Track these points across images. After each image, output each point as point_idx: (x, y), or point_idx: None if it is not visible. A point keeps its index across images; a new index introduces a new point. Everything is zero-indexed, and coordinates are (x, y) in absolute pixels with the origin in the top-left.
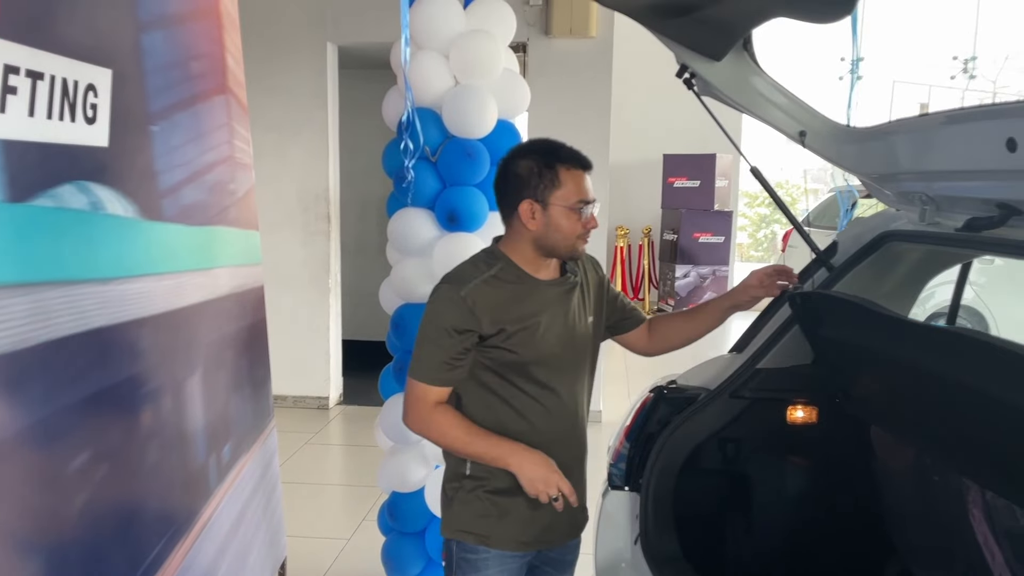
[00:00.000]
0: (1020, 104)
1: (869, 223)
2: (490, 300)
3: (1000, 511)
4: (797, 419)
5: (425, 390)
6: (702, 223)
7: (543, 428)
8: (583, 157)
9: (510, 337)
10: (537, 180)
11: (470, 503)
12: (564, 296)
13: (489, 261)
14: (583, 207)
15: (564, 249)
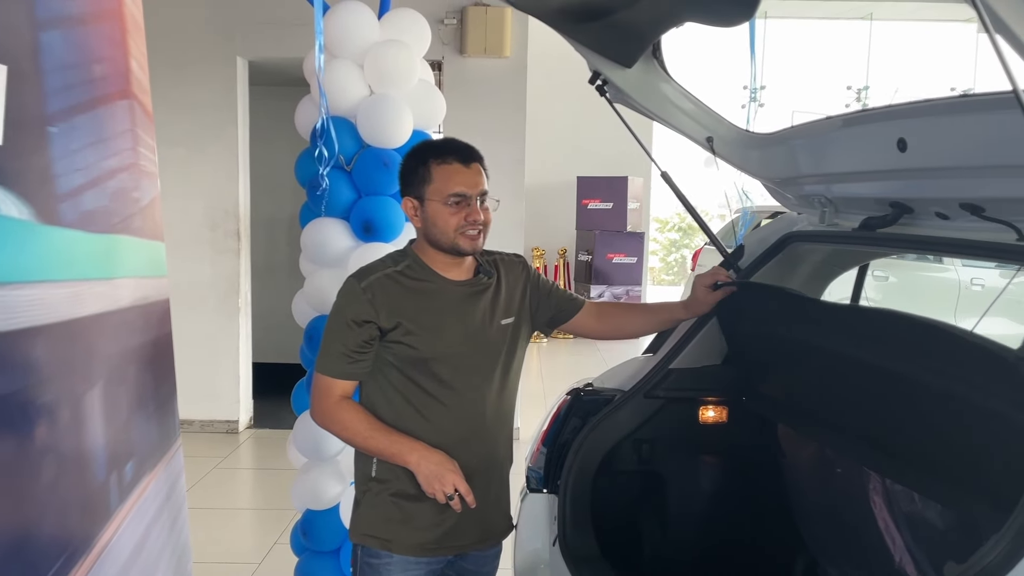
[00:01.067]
0: (909, 105)
1: (773, 226)
2: (389, 294)
3: (899, 497)
4: (708, 418)
5: (329, 383)
6: (615, 244)
7: (444, 427)
8: (461, 149)
9: (409, 333)
10: (412, 176)
11: (375, 507)
12: (473, 296)
13: (397, 258)
14: (457, 200)
15: (446, 244)
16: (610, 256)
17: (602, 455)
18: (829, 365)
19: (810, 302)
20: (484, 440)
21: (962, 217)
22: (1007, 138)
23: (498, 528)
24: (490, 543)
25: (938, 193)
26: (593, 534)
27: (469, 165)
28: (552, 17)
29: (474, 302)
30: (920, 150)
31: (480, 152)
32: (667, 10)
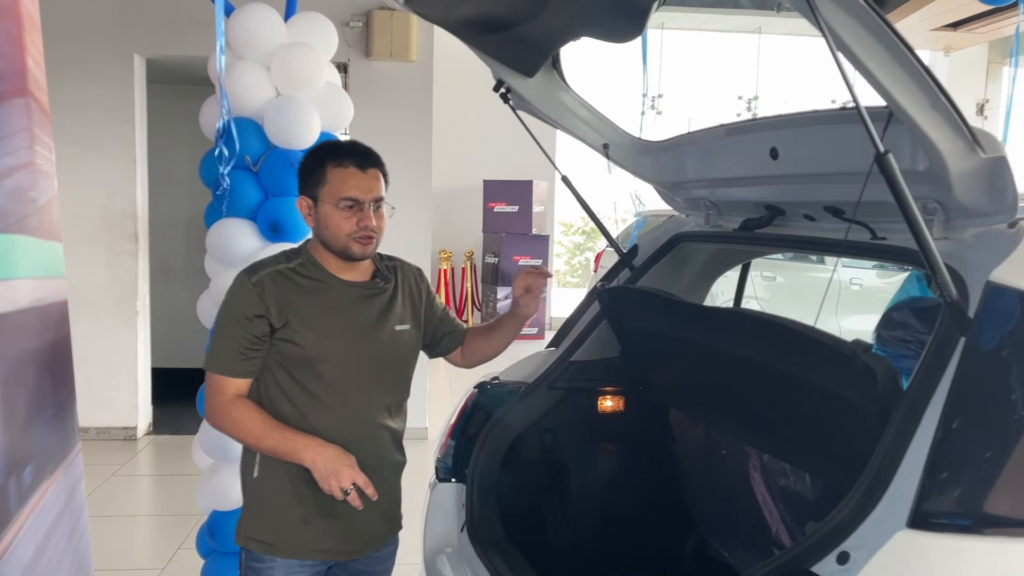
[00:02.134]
0: (779, 117)
1: (664, 227)
2: (279, 290)
3: (774, 472)
4: (607, 408)
5: (221, 382)
6: (521, 247)
7: (327, 429)
8: (360, 153)
9: (297, 331)
10: (309, 176)
11: (258, 509)
12: (366, 299)
13: (290, 255)
14: (350, 205)
15: (337, 247)
16: (516, 258)
17: (508, 444)
18: (707, 358)
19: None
20: (371, 443)
21: (826, 218)
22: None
23: (387, 530)
24: (380, 545)
25: (805, 197)
26: (500, 520)
27: (365, 170)
28: (457, 27)
29: (367, 305)
30: (789, 158)
31: (380, 158)
32: (564, 25)
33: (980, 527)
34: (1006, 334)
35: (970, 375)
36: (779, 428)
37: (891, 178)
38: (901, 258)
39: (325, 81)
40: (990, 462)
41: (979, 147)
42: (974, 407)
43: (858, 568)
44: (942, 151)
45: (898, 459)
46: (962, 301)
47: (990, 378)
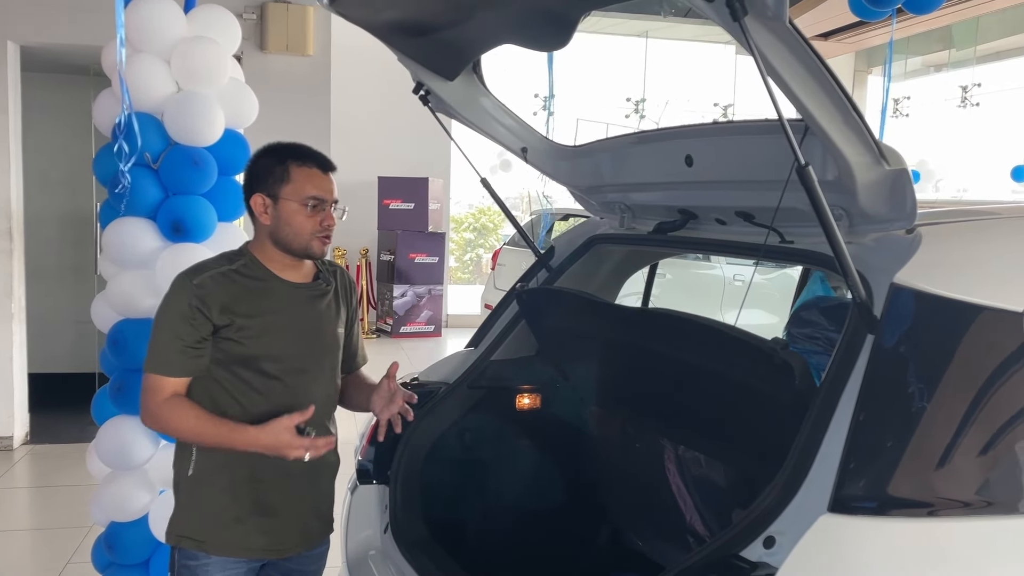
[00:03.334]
0: (695, 127)
1: (580, 229)
2: (222, 292)
3: (688, 462)
4: (524, 405)
5: (158, 382)
6: (417, 244)
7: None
8: (322, 157)
9: (241, 329)
10: (267, 174)
11: (192, 507)
12: (311, 300)
13: (232, 256)
14: (315, 204)
15: (298, 247)
16: (412, 256)
17: (429, 444)
18: (624, 355)
19: (599, 303)
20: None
21: (737, 223)
22: (769, 157)
23: (320, 529)
24: (314, 544)
25: (718, 202)
26: (423, 519)
27: (326, 172)
28: (381, 30)
29: (312, 306)
30: (703, 165)
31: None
32: (490, 32)
33: (893, 509)
34: (909, 332)
35: (879, 370)
36: (695, 421)
37: (810, 188)
38: (809, 260)
39: (229, 76)
40: (898, 450)
41: (884, 160)
42: (884, 399)
43: (783, 551)
44: (851, 163)
45: (816, 448)
46: (869, 301)
47: (896, 372)
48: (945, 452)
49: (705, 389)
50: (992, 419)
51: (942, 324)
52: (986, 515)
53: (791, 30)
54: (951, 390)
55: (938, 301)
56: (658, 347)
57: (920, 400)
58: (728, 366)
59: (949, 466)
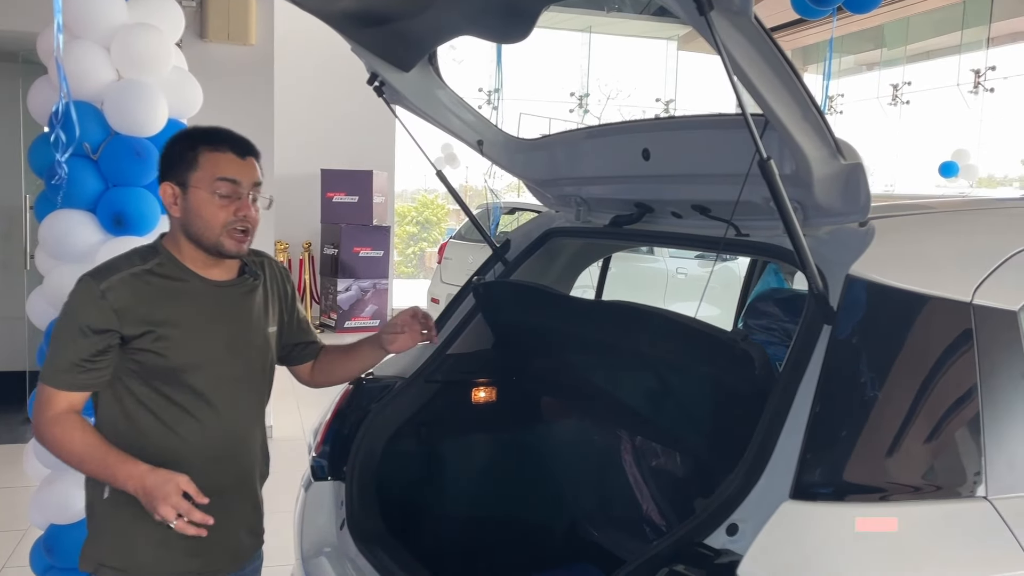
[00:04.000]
0: (653, 121)
1: (536, 222)
2: (136, 297)
3: (645, 453)
4: (480, 398)
5: (51, 395)
6: (361, 238)
7: (196, 444)
8: (240, 140)
9: (160, 339)
10: (178, 161)
11: (110, 532)
12: (238, 299)
13: (146, 254)
14: (227, 191)
15: (208, 242)
16: (356, 249)
17: (386, 439)
18: (581, 347)
19: (556, 296)
20: (238, 457)
21: (693, 216)
22: (726, 152)
23: (251, 544)
24: (245, 561)
25: (674, 196)
26: (380, 515)
27: (244, 158)
28: (335, 19)
29: (239, 305)
30: (660, 159)
31: (256, 147)
32: (449, 23)
33: (853, 495)
34: (864, 322)
35: (836, 359)
36: (653, 412)
37: (772, 181)
38: (766, 253)
39: (172, 65)
40: (856, 437)
41: (840, 154)
42: (841, 388)
43: (746, 537)
44: (809, 157)
45: (776, 436)
46: (825, 293)
47: (852, 362)
48: (898, 439)
49: (663, 380)
50: (940, 407)
51: (895, 314)
52: (934, 499)
53: (755, 25)
54: (904, 378)
55: (891, 292)
56: (616, 339)
57: (875, 388)
58: (687, 357)
59: (902, 452)
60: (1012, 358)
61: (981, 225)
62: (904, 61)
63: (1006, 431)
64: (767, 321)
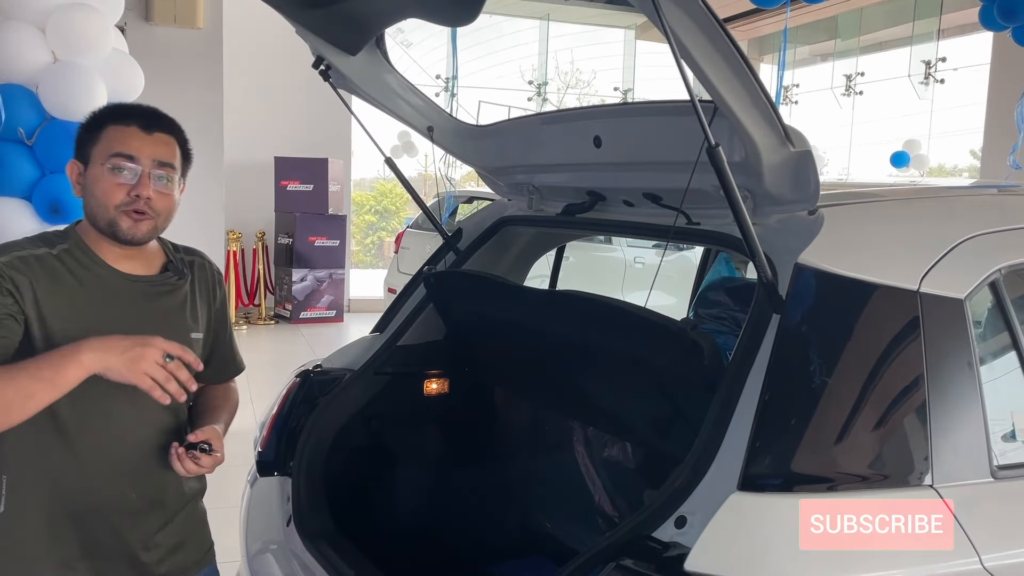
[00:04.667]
0: (603, 107)
1: (488, 211)
2: (36, 282)
3: (597, 444)
4: (432, 390)
5: None
6: (317, 227)
7: (97, 458)
8: (151, 115)
9: (48, 336)
10: (85, 136)
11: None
12: (153, 298)
13: (52, 239)
14: (119, 167)
15: (102, 221)
16: (312, 239)
17: (334, 433)
18: (534, 338)
19: (509, 286)
20: (154, 473)
21: (644, 204)
22: (677, 139)
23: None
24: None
25: (626, 183)
26: (328, 510)
27: (151, 132)
28: (280, 1)
29: (154, 305)
30: (612, 146)
31: (177, 126)
32: (395, 5)
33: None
34: (813, 311)
35: (785, 349)
36: (604, 403)
37: (720, 169)
38: (716, 241)
39: (111, 47)
40: (804, 427)
41: (790, 142)
42: (790, 377)
43: (695, 530)
44: (758, 144)
45: (725, 427)
46: (774, 282)
47: (801, 351)
48: (847, 429)
49: (614, 370)
50: (888, 396)
51: (844, 303)
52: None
53: (703, 10)
54: (852, 368)
55: (840, 281)
56: (567, 329)
57: (823, 377)
58: (637, 347)
59: (850, 442)
60: (959, 347)
61: (929, 213)
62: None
63: (952, 420)
64: (717, 310)
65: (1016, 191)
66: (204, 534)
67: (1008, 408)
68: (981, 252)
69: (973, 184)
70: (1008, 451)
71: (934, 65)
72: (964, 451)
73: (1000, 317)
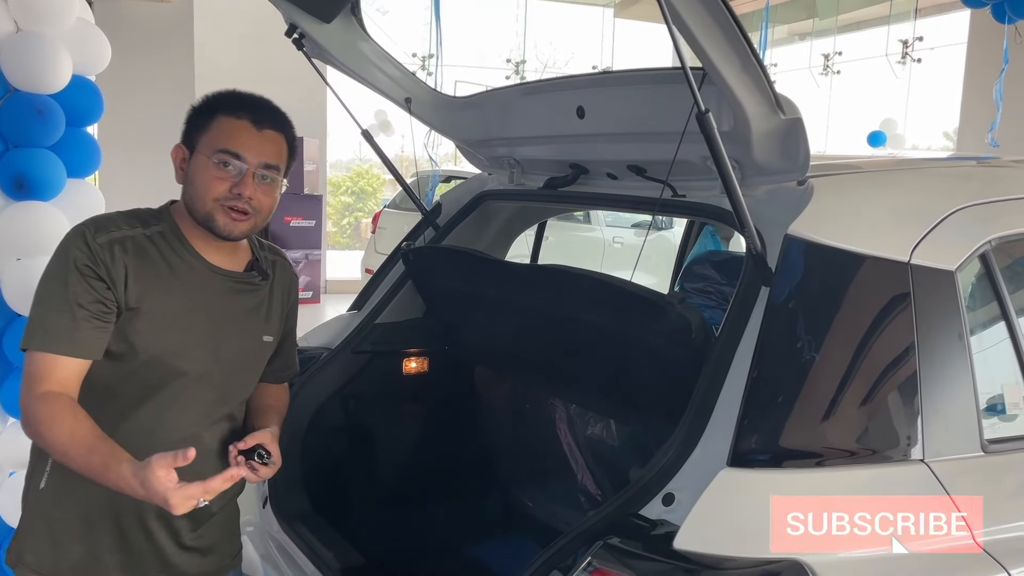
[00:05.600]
0: (587, 76)
1: (468, 186)
2: (127, 264)
3: (580, 422)
4: (411, 369)
5: (41, 363)
6: (293, 207)
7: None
8: (262, 109)
9: (133, 322)
10: (196, 120)
11: (36, 527)
12: (235, 294)
13: (149, 218)
14: (226, 162)
15: (200, 213)
16: (287, 219)
17: (311, 413)
18: (516, 314)
19: (490, 261)
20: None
21: (628, 177)
22: (663, 108)
23: (215, 567)
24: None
25: (609, 156)
26: (305, 491)
27: (262, 129)
28: None
29: (237, 304)
30: (596, 117)
31: (289, 124)
32: None
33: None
34: (803, 283)
35: (774, 322)
36: (588, 380)
37: (710, 135)
38: (703, 213)
39: (76, 16)
40: (794, 401)
41: (780, 109)
42: (780, 351)
43: (683, 507)
44: (748, 112)
45: (713, 402)
46: (764, 254)
47: (791, 324)
48: (838, 403)
49: (599, 346)
50: (878, 369)
51: (834, 275)
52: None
53: None
54: (842, 341)
55: (830, 252)
56: (550, 305)
57: (813, 351)
58: (623, 322)
59: (841, 416)
60: (950, 319)
61: (920, 184)
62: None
63: (943, 394)
64: (704, 284)
65: (994, 163)
66: (235, 538)
67: (998, 381)
68: (972, 223)
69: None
70: (998, 424)
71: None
72: (955, 425)
73: (990, 289)
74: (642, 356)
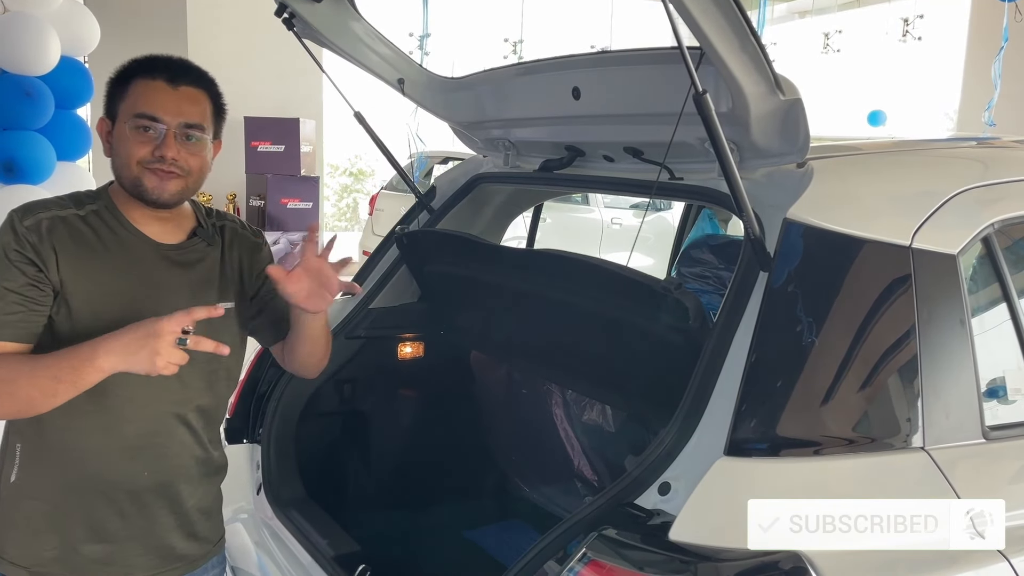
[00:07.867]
0: (582, 56)
1: (462, 168)
2: (60, 243)
3: (576, 407)
4: (406, 354)
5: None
6: (289, 189)
7: (100, 440)
8: (174, 66)
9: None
10: (113, 90)
11: (11, 521)
12: (179, 268)
13: (82, 199)
14: (144, 126)
15: (127, 180)
16: (284, 201)
17: (305, 399)
18: (511, 299)
19: (485, 245)
20: (157, 452)
21: (625, 160)
22: (660, 89)
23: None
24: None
25: (606, 138)
26: (299, 478)
27: (177, 87)
28: None
29: (180, 275)
30: (591, 98)
31: (208, 77)
32: None
33: (792, 449)
34: (802, 268)
35: (773, 308)
36: (584, 365)
37: (707, 116)
38: (700, 197)
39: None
40: (793, 389)
41: (779, 90)
42: (779, 337)
43: (679, 497)
44: (747, 93)
45: (710, 389)
46: (762, 238)
47: (790, 310)
48: (837, 390)
49: (595, 331)
50: (879, 355)
51: (834, 259)
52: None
53: None
54: (842, 327)
55: (830, 236)
56: (546, 289)
57: (812, 337)
58: (620, 308)
59: (840, 404)
60: (951, 304)
61: (920, 167)
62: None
63: (944, 380)
64: (701, 268)
65: (995, 143)
66: (218, 523)
67: (1000, 367)
68: (974, 206)
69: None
70: (1000, 411)
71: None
72: (956, 412)
73: (993, 273)
74: (638, 342)
